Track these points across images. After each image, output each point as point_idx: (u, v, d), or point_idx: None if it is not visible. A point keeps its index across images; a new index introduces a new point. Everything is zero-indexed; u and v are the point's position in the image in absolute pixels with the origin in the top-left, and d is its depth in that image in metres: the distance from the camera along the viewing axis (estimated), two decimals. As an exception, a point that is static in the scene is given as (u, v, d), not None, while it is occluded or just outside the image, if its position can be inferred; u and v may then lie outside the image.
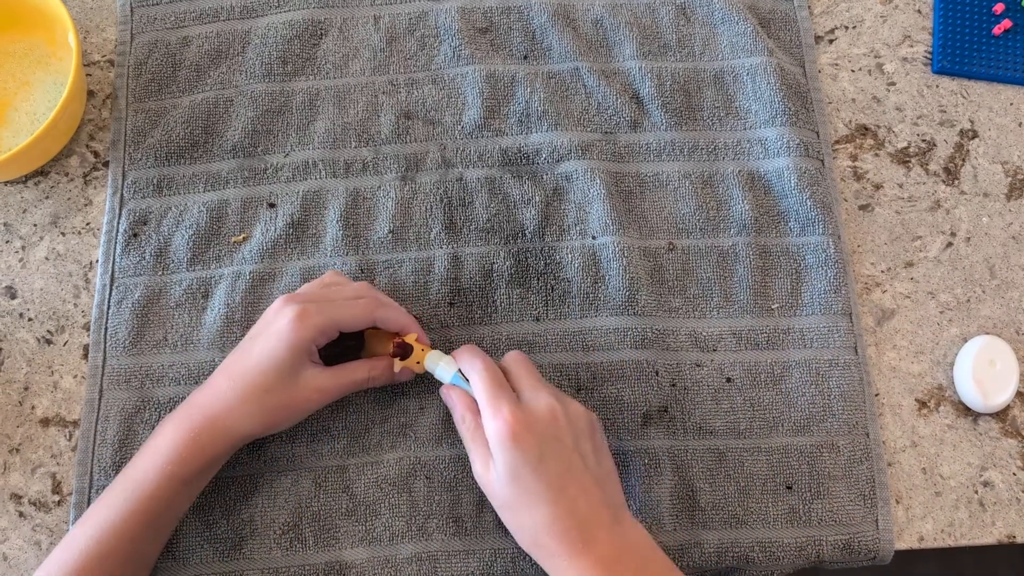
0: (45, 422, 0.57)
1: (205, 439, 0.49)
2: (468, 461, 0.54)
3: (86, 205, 0.62)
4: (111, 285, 0.59)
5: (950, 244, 0.62)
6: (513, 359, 0.52)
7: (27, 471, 0.56)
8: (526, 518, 0.47)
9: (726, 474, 0.55)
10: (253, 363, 0.50)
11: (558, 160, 0.61)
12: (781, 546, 0.54)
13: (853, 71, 0.66)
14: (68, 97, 0.58)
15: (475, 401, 0.50)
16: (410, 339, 0.52)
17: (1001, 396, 0.57)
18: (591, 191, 0.60)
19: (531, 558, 0.53)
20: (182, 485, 0.49)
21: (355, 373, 0.52)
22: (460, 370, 0.52)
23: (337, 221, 0.60)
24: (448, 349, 0.57)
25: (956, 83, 0.65)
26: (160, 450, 0.49)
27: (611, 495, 0.48)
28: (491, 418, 0.47)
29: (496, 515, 0.53)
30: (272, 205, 0.60)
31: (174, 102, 0.63)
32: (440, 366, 0.52)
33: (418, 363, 0.53)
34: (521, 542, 0.48)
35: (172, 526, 0.51)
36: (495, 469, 0.47)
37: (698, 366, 0.57)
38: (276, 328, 0.50)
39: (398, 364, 0.52)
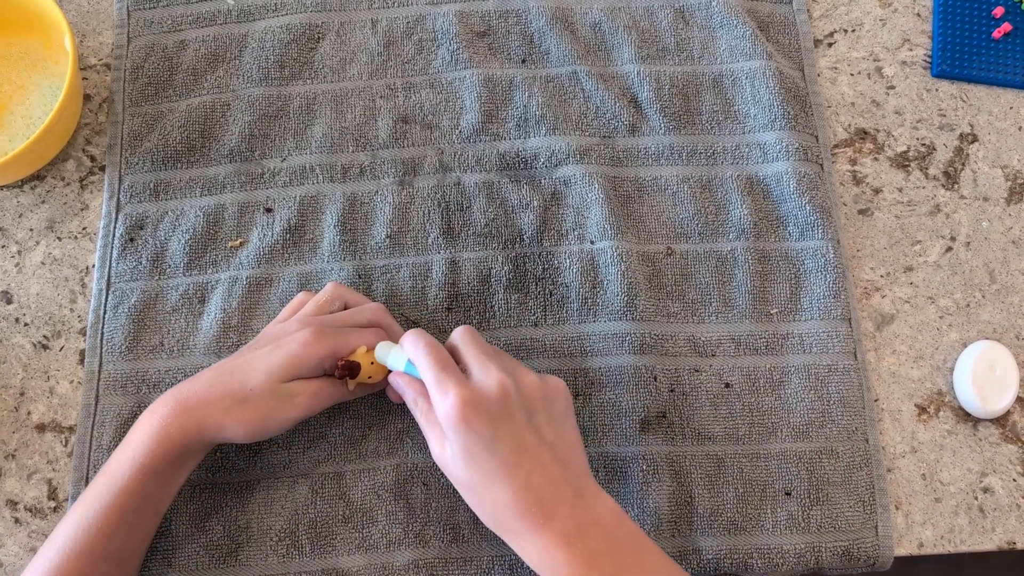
0: (41, 428, 0.57)
1: (174, 429, 0.48)
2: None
3: (82, 210, 0.61)
4: (107, 290, 0.59)
5: (950, 249, 0.61)
6: (459, 335, 0.50)
7: (23, 477, 0.56)
8: (485, 498, 0.46)
9: (725, 480, 0.55)
10: (246, 366, 0.49)
11: (556, 164, 0.61)
12: (780, 552, 0.53)
13: (852, 75, 0.65)
14: (64, 101, 0.57)
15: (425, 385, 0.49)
16: (359, 355, 0.51)
17: (1001, 402, 0.56)
18: (589, 196, 0.60)
19: (528, 566, 0.52)
20: (153, 477, 0.47)
21: (336, 387, 0.51)
22: None
23: (334, 226, 0.59)
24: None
25: (956, 87, 0.65)
26: (132, 442, 0.48)
27: (573, 468, 0.47)
28: (439, 400, 0.46)
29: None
30: (269, 210, 0.60)
31: (171, 106, 0.63)
32: (391, 355, 0.51)
33: (370, 378, 0.51)
34: (486, 522, 0.47)
35: (151, 524, 0.50)
36: (450, 451, 0.46)
37: (697, 371, 0.57)
38: (287, 342, 0.50)
39: (351, 383, 0.52)
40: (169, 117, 0.62)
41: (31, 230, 0.61)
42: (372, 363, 0.51)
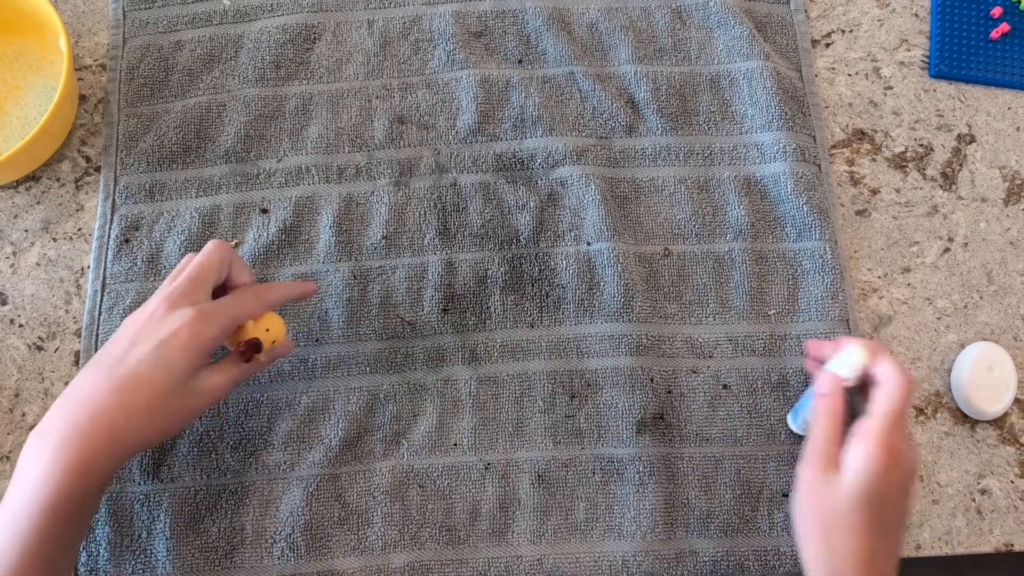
0: (36, 429, 0.57)
1: (94, 463, 0.44)
2: (461, 469, 0.54)
3: (78, 210, 0.61)
4: (102, 291, 0.58)
5: (947, 250, 0.61)
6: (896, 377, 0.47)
7: (17, 479, 0.56)
8: (872, 546, 0.44)
9: (722, 482, 0.55)
10: (146, 372, 0.45)
11: (553, 165, 0.61)
12: (776, 555, 0.53)
13: (850, 75, 0.65)
14: (59, 101, 0.57)
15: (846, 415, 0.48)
16: (250, 330, 0.49)
17: (1000, 403, 0.56)
18: (586, 196, 0.60)
19: (523, 568, 0.52)
20: (77, 512, 0.44)
21: (244, 366, 0.50)
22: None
23: (330, 227, 0.59)
24: (442, 355, 0.56)
25: (953, 87, 0.65)
26: (41, 483, 0.43)
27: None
28: (880, 442, 0.45)
29: (489, 524, 0.53)
30: (265, 211, 0.60)
31: (166, 107, 0.62)
32: (853, 361, 0.48)
33: (274, 342, 0.50)
34: (824, 566, 0.45)
35: (74, 551, 0.47)
36: (849, 491, 0.45)
37: (694, 373, 0.57)
38: (172, 332, 0.46)
39: (261, 356, 0.50)
40: (165, 118, 0.62)
41: (26, 231, 0.61)
42: (267, 330, 0.50)
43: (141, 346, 0.46)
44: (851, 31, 0.66)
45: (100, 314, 0.58)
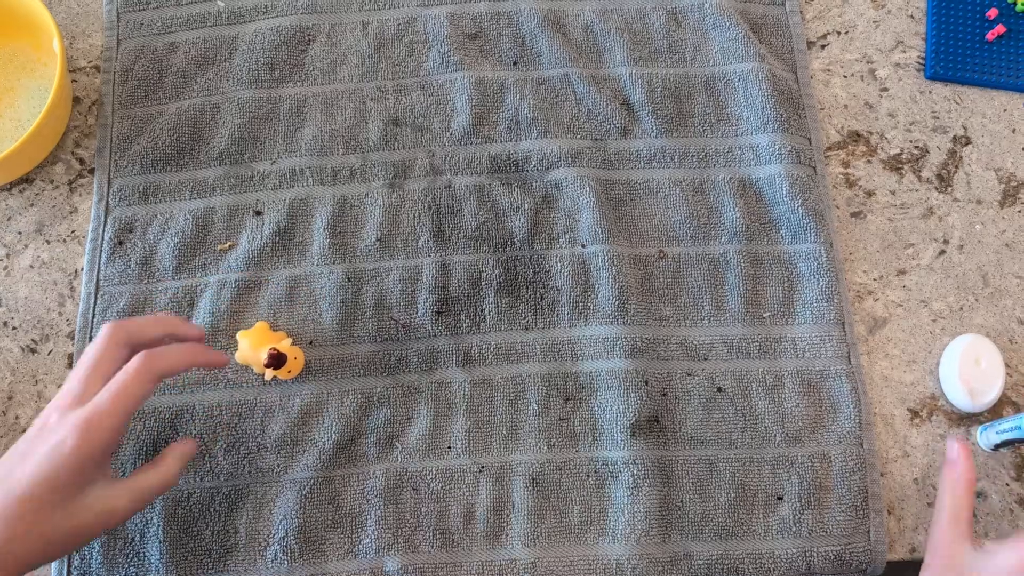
0: (29, 432, 0.56)
1: None
2: (455, 472, 0.54)
3: (71, 212, 0.61)
4: (96, 293, 0.58)
5: (943, 252, 0.61)
6: None
7: (10, 482, 0.55)
8: None
9: (717, 485, 0.55)
10: (28, 489, 0.42)
11: (548, 167, 0.61)
12: (772, 558, 0.53)
13: (845, 77, 0.65)
14: (53, 103, 0.57)
15: None
16: (284, 346, 0.53)
17: (988, 395, 0.56)
18: (581, 199, 0.59)
19: (517, 571, 0.52)
20: None
21: (150, 481, 0.46)
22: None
23: (324, 229, 0.59)
24: (436, 358, 0.56)
25: (949, 89, 0.65)
26: None
27: None
28: None
29: (483, 527, 0.53)
30: (259, 213, 0.60)
31: (160, 109, 0.62)
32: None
33: (289, 372, 0.54)
34: None
35: None
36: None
37: (689, 375, 0.57)
38: (57, 443, 0.43)
39: (269, 373, 0.52)
40: (159, 120, 0.62)
41: (20, 233, 0.61)
42: (295, 358, 0.54)
43: (28, 461, 0.43)
44: (847, 32, 0.66)
45: (94, 316, 0.58)
